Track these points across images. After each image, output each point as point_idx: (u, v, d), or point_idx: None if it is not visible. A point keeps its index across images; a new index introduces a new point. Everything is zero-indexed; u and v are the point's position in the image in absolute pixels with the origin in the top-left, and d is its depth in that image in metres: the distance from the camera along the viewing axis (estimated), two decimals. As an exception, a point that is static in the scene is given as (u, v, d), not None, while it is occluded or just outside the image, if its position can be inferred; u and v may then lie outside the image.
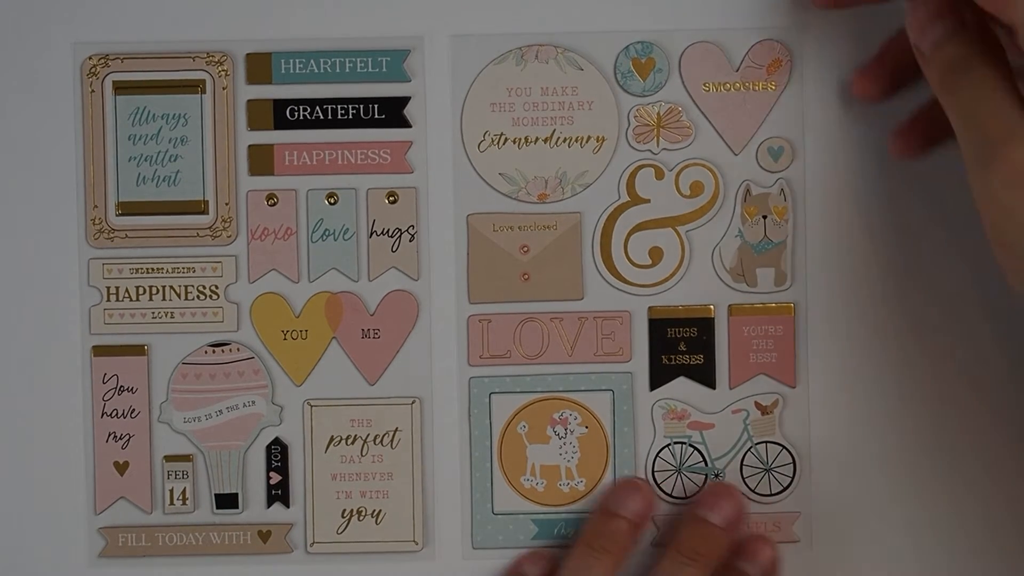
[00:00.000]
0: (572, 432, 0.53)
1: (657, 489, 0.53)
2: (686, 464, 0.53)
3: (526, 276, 0.53)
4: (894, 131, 0.51)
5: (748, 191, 0.53)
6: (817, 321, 0.53)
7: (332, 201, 0.53)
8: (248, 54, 0.53)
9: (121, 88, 0.53)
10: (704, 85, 0.53)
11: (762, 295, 0.53)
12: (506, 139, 0.53)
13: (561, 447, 0.53)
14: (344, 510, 0.54)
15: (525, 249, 0.53)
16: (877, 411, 0.53)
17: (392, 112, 0.53)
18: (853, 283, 0.53)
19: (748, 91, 0.53)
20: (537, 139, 0.53)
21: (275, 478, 0.54)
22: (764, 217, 0.53)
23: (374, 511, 0.54)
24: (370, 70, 0.53)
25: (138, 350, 0.53)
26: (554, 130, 0.53)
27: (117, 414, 0.53)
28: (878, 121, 0.52)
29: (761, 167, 0.53)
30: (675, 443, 0.53)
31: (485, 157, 0.53)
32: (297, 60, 0.53)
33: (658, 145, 0.53)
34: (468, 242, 0.53)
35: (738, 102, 0.53)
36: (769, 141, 0.53)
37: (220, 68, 0.53)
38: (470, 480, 0.53)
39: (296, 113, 0.53)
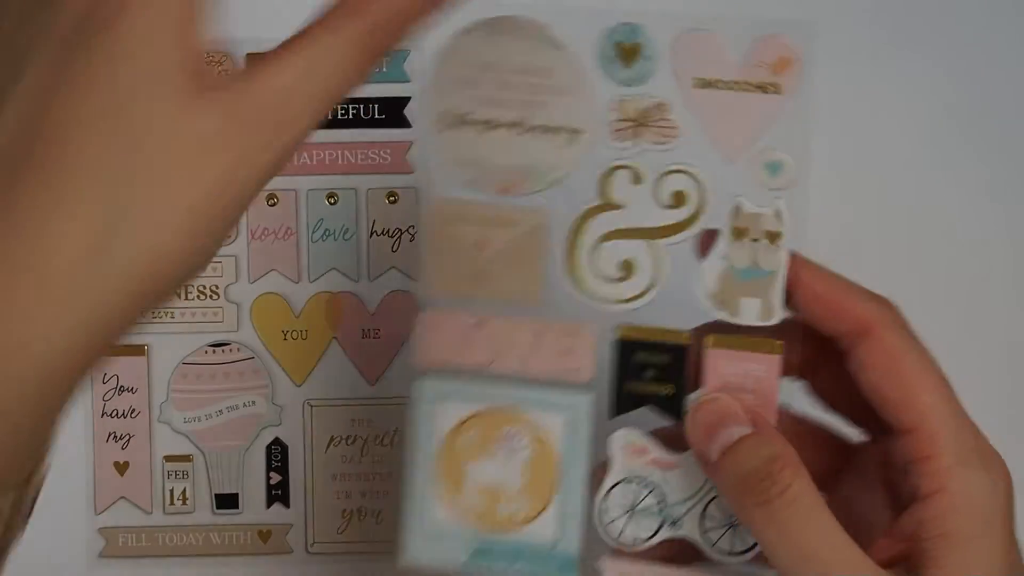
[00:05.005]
0: (517, 452, 0.47)
1: (603, 529, 0.46)
2: (639, 506, 0.47)
3: (481, 276, 0.47)
4: None
5: (739, 208, 0.46)
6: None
7: (332, 201, 0.53)
8: (248, 54, 0.53)
9: (121, 88, 0.53)
10: (697, 80, 0.46)
11: (745, 328, 0.46)
12: (469, 121, 0.46)
13: (505, 466, 0.47)
14: (344, 510, 0.54)
15: (482, 245, 0.47)
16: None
17: (392, 112, 0.53)
18: None
19: (749, 92, 0.46)
20: (504, 124, 0.46)
21: (275, 478, 0.54)
22: (755, 240, 0.46)
23: (374, 511, 0.54)
24: (370, 70, 0.53)
25: (138, 350, 0.53)
26: (524, 116, 0.46)
27: (117, 414, 0.53)
28: (898, 141, 0.51)
29: (756, 182, 0.46)
30: (630, 480, 0.47)
31: (444, 139, 0.46)
32: (297, 60, 0.53)
33: (638, 145, 0.46)
34: (424, 233, 0.48)
35: (736, 104, 0.46)
36: (768, 153, 0.46)
37: (220, 68, 0.53)
38: (407, 490, 0.47)
39: (296, 113, 0.53)
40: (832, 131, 0.49)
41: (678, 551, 0.46)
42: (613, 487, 0.47)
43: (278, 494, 0.54)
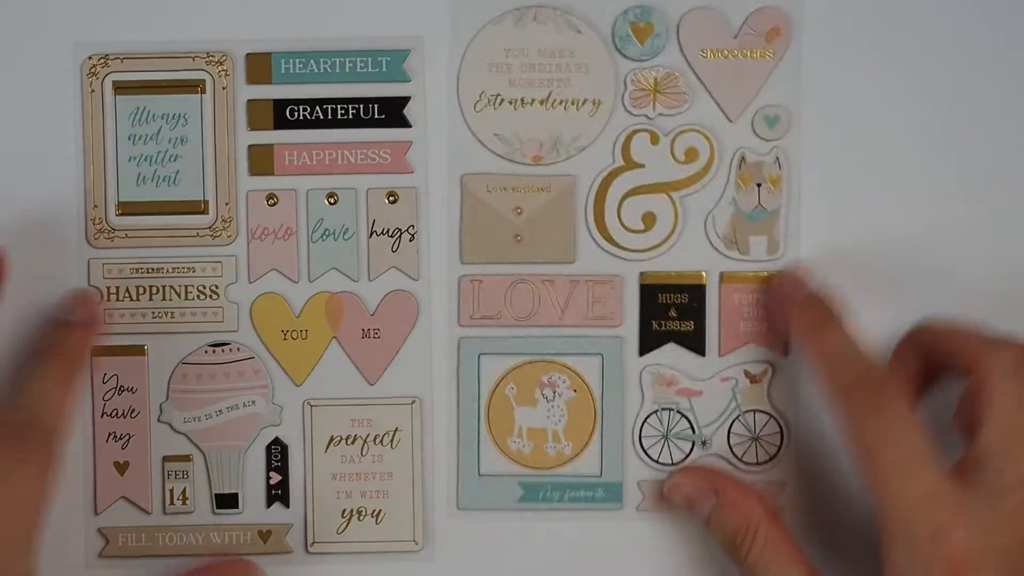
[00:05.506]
0: (560, 395, 0.53)
1: (643, 455, 0.53)
2: (673, 431, 0.53)
3: (519, 238, 0.53)
4: None
5: (743, 159, 0.53)
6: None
7: (332, 201, 0.53)
8: (248, 54, 0.53)
9: (121, 88, 0.53)
10: (702, 51, 0.53)
11: (755, 263, 0.53)
12: (502, 100, 0.53)
13: (549, 410, 0.53)
14: (344, 510, 0.54)
15: (518, 211, 0.53)
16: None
17: (392, 112, 0.53)
18: (847, 253, 0.53)
19: (746, 58, 0.53)
20: (533, 101, 0.53)
21: (275, 478, 0.54)
22: (758, 185, 0.53)
23: (374, 511, 0.54)
24: (370, 70, 0.53)
25: (138, 350, 0.53)
26: (550, 92, 0.53)
27: (117, 414, 0.53)
28: (875, 92, 0.53)
29: (756, 135, 0.53)
30: (663, 409, 0.53)
31: (481, 117, 0.53)
32: (297, 60, 0.53)
33: (654, 110, 0.53)
34: (461, 202, 0.53)
35: (735, 69, 0.53)
36: (765, 109, 0.53)
37: (220, 68, 0.53)
38: (456, 441, 0.53)
39: (296, 113, 0.53)
40: (819, 86, 0.53)
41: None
42: (648, 417, 0.53)
43: (278, 494, 0.54)
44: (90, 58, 0.53)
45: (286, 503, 0.54)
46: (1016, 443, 0.46)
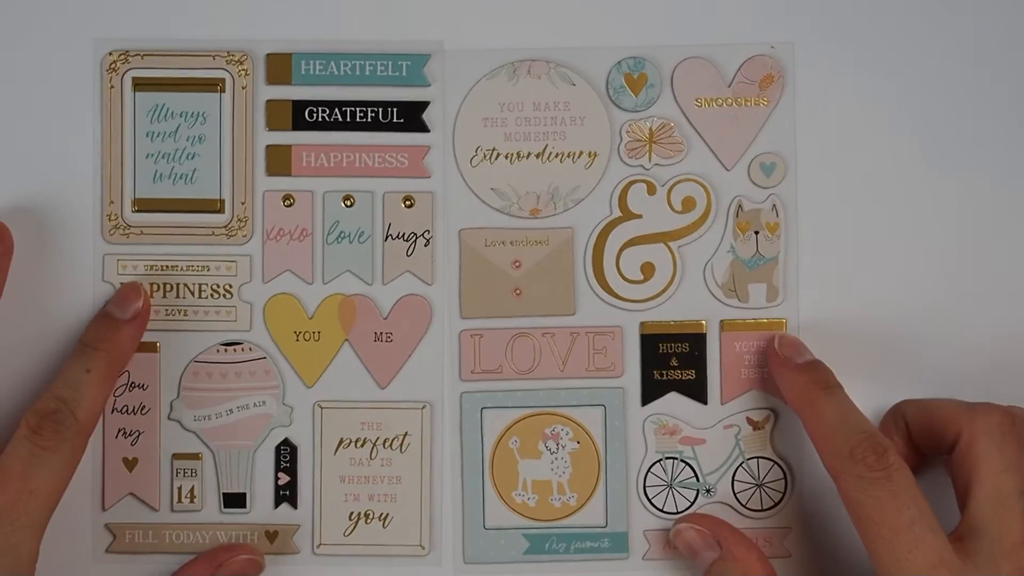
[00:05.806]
0: (564, 447, 0.53)
1: (648, 504, 0.53)
2: (677, 479, 0.53)
3: (518, 291, 0.53)
4: None
5: (740, 207, 0.53)
6: (809, 337, 0.53)
7: (348, 203, 0.53)
8: (268, 54, 0.53)
9: (141, 85, 0.53)
10: (696, 100, 0.53)
11: (754, 311, 0.53)
12: (498, 154, 0.53)
13: (553, 462, 0.53)
14: (351, 512, 0.54)
15: (517, 264, 0.53)
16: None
17: (411, 116, 0.53)
18: (845, 299, 0.53)
19: (740, 107, 0.53)
20: (529, 154, 0.53)
21: (283, 479, 0.54)
22: (756, 233, 0.53)
23: (381, 514, 0.54)
24: (390, 74, 0.53)
25: (150, 347, 0.53)
26: (546, 145, 0.53)
27: (127, 410, 0.53)
28: (870, 136, 0.53)
29: (753, 183, 0.53)
30: (667, 458, 0.53)
31: (477, 172, 0.53)
32: (317, 61, 0.53)
33: (650, 160, 0.53)
34: (460, 257, 0.53)
35: (730, 118, 0.53)
36: (761, 157, 0.53)
37: (240, 67, 0.53)
38: (461, 495, 0.53)
39: (315, 114, 0.53)
40: (814, 133, 0.53)
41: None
42: (652, 466, 0.53)
43: (286, 495, 0.54)
44: (110, 54, 0.53)
45: (294, 504, 0.54)
46: (1007, 508, 0.47)
